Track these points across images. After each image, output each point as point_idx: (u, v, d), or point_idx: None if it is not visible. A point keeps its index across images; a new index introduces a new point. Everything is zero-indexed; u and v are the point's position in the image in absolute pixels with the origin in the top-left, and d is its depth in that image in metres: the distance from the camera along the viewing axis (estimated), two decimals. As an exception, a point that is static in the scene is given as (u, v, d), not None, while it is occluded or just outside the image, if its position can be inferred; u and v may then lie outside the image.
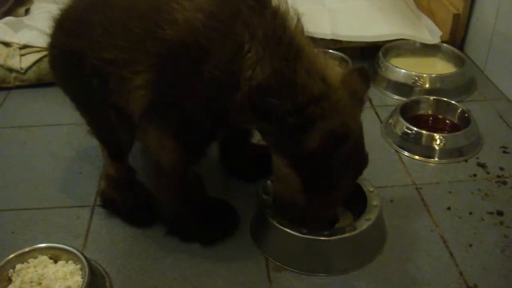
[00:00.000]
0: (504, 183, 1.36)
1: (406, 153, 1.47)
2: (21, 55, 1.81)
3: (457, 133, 1.47)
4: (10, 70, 1.80)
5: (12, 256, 1.08)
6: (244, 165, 1.36)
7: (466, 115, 1.52)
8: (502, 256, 1.16)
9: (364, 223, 1.14)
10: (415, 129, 1.46)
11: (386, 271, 1.13)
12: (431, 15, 2.03)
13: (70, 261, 1.09)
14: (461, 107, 1.55)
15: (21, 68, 1.79)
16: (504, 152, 1.47)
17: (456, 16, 1.89)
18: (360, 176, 1.10)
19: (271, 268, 1.14)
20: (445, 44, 1.88)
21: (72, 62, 1.12)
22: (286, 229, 1.13)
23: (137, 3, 1.06)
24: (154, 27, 0.99)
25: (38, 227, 1.26)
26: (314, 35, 1.30)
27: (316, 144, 0.96)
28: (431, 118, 1.58)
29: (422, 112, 1.59)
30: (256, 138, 1.33)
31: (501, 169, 1.40)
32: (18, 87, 1.81)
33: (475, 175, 1.39)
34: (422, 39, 1.87)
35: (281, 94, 0.96)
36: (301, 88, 0.96)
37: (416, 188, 1.35)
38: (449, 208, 1.28)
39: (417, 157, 1.45)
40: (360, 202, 1.20)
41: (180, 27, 0.98)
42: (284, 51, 0.97)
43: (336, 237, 1.11)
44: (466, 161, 1.44)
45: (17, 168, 1.46)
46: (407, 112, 1.55)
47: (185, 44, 0.98)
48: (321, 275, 1.12)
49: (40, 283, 1.06)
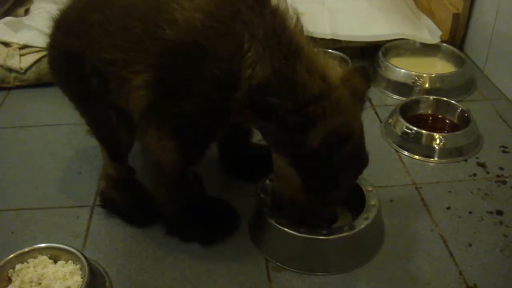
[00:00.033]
0: (504, 182, 1.36)
1: (406, 153, 1.47)
2: (21, 55, 1.81)
3: (457, 132, 1.47)
4: (10, 70, 1.80)
5: (12, 256, 1.08)
6: (244, 165, 1.36)
7: (465, 114, 1.52)
8: (502, 255, 1.16)
9: (362, 222, 1.14)
10: (415, 128, 1.46)
11: (386, 271, 1.13)
12: (431, 14, 2.03)
13: (69, 261, 1.09)
14: (460, 106, 1.55)
15: (21, 68, 1.79)
16: (503, 151, 1.47)
17: (456, 16, 1.89)
18: (360, 176, 1.10)
19: (271, 268, 1.14)
20: (445, 44, 1.88)
21: (71, 62, 1.12)
22: (284, 229, 1.13)
23: (136, 3, 1.06)
24: (153, 27, 0.99)
25: (37, 227, 1.26)
26: (313, 35, 1.30)
27: (318, 144, 0.96)
28: (430, 117, 1.58)
29: (422, 111, 1.59)
30: (256, 137, 1.33)
31: (501, 168, 1.40)
32: (18, 87, 1.81)
33: (475, 174, 1.39)
34: (422, 39, 1.87)
35: (281, 93, 0.96)
36: (301, 87, 0.96)
37: (416, 188, 1.35)
38: (448, 208, 1.28)
39: (417, 156, 1.45)
40: (358, 202, 1.20)
41: (179, 27, 0.98)
42: (284, 50, 0.97)
43: (334, 236, 1.11)
44: (466, 160, 1.44)
45: (17, 168, 1.46)
46: (407, 111, 1.55)
47: (185, 44, 0.98)
48: (320, 274, 1.12)
49: (39, 283, 1.06)
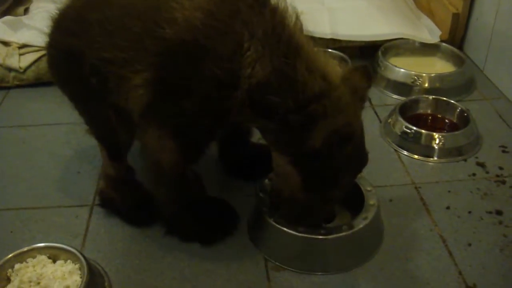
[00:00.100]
0: (503, 182, 1.36)
1: (405, 153, 1.47)
2: (20, 54, 1.81)
3: (456, 132, 1.47)
4: (9, 69, 1.80)
5: (10, 255, 1.08)
6: (243, 164, 1.36)
7: (465, 114, 1.52)
8: (501, 255, 1.16)
9: (361, 222, 1.14)
10: (414, 128, 1.46)
11: (385, 270, 1.13)
12: (430, 14, 2.03)
13: (68, 261, 1.09)
14: (460, 106, 1.55)
15: (20, 68, 1.79)
16: (503, 151, 1.47)
17: (455, 16, 1.89)
18: (359, 175, 1.10)
19: (270, 267, 1.14)
20: (444, 44, 1.88)
21: (70, 62, 1.12)
22: (283, 228, 1.13)
23: (136, 2, 1.06)
24: (153, 26, 0.99)
25: (36, 227, 1.26)
26: (313, 34, 1.30)
27: (320, 144, 0.96)
28: (430, 117, 1.58)
29: (421, 111, 1.59)
30: (256, 137, 1.33)
31: (500, 168, 1.40)
32: (17, 86, 1.81)
33: (474, 174, 1.39)
34: (421, 39, 1.87)
35: (281, 91, 0.96)
36: (301, 85, 0.96)
37: (415, 188, 1.35)
38: (448, 208, 1.28)
39: (416, 156, 1.45)
40: (358, 201, 1.20)
41: (179, 26, 0.98)
42: (284, 49, 0.96)
43: (333, 236, 1.11)
44: (465, 160, 1.44)
45: (16, 168, 1.46)
46: (406, 111, 1.55)
47: (185, 43, 0.98)
48: (320, 274, 1.12)
49: (39, 283, 1.05)
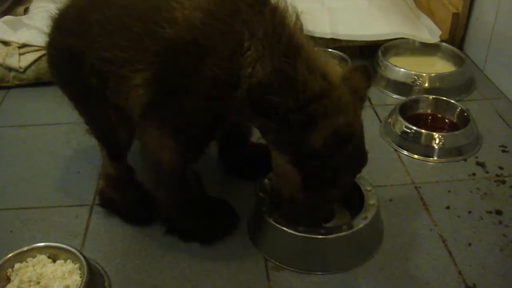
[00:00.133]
0: (503, 182, 1.36)
1: (405, 152, 1.47)
2: (20, 54, 1.81)
3: (456, 132, 1.47)
4: (9, 69, 1.80)
5: (10, 255, 1.08)
6: (243, 164, 1.36)
7: (465, 114, 1.52)
8: (501, 255, 1.16)
9: (361, 221, 1.14)
10: (414, 128, 1.46)
11: (385, 270, 1.13)
12: (430, 14, 2.03)
13: (68, 260, 1.09)
14: (460, 106, 1.55)
15: (20, 67, 1.79)
16: (503, 151, 1.47)
17: (455, 15, 1.89)
18: (358, 174, 1.10)
19: (270, 267, 1.14)
20: (444, 43, 1.88)
21: (70, 62, 1.11)
22: (283, 228, 1.13)
23: (136, 2, 1.06)
24: (153, 26, 0.99)
25: (36, 226, 1.26)
26: (313, 34, 1.30)
27: (321, 144, 0.96)
28: (430, 117, 1.58)
29: (421, 111, 1.59)
30: (255, 136, 1.33)
31: (500, 168, 1.40)
32: (17, 86, 1.81)
33: (474, 174, 1.39)
34: (421, 38, 1.87)
35: (281, 91, 0.96)
36: (302, 85, 0.96)
37: (415, 187, 1.35)
38: (448, 207, 1.28)
39: (416, 156, 1.45)
40: (357, 201, 1.20)
41: (179, 26, 0.98)
42: (284, 49, 0.97)
43: (333, 235, 1.11)
44: (465, 160, 1.44)
45: (16, 167, 1.46)
46: (406, 111, 1.55)
47: (185, 42, 0.98)
48: (319, 273, 1.12)
49: (38, 282, 1.05)
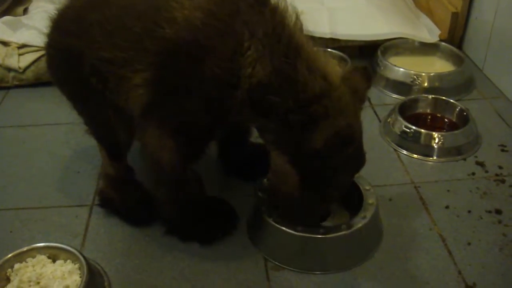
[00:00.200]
0: (503, 181, 1.36)
1: (404, 152, 1.47)
2: (20, 54, 1.81)
3: (456, 131, 1.47)
4: (9, 69, 1.80)
5: (10, 255, 1.08)
6: (243, 164, 1.36)
7: (464, 113, 1.52)
8: (501, 254, 1.16)
9: (360, 221, 1.14)
10: (414, 127, 1.46)
11: (385, 270, 1.13)
12: (429, 14, 2.03)
13: (68, 260, 1.09)
14: (459, 105, 1.55)
15: (20, 68, 1.79)
16: (502, 150, 1.47)
17: (454, 15, 1.89)
18: (358, 175, 1.10)
19: (270, 267, 1.14)
20: (443, 43, 1.88)
21: (70, 62, 1.11)
22: (282, 227, 1.13)
23: (136, 2, 1.06)
24: (153, 26, 0.99)
25: (36, 227, 1.26)
26: (313, 34, 1.30)
27: (321, 145, 0.96)
28: (429, 116, 1.58)
29: (420, 110, 1.59)
30: (255, 137, 1.33)
31: (500, 167, 1.40)
32: (17, 86, 1.81)
33: (473, 173, 1.39)
34: (421, 38, 1.87)
35: (282, 91, 0.96)
36: (302, 85, 0.96)
37: (415, 187, 1.35)
38: (447, 207, 1.28)
39: (415, 155, 1.46)
40: (357, 201, 1.20)
41: (179, 26, 0.98)
42: (284, 49, 0.97)
43: (332, 235, 1.11)
44: (464, 159, 1.44)
45: (16, 168, 1.46)
46: (406, 110, 1.56)
47: (185, 42, 0.98)
48: (319, 273, 1.12)
49: (38, 283, 1.05)
